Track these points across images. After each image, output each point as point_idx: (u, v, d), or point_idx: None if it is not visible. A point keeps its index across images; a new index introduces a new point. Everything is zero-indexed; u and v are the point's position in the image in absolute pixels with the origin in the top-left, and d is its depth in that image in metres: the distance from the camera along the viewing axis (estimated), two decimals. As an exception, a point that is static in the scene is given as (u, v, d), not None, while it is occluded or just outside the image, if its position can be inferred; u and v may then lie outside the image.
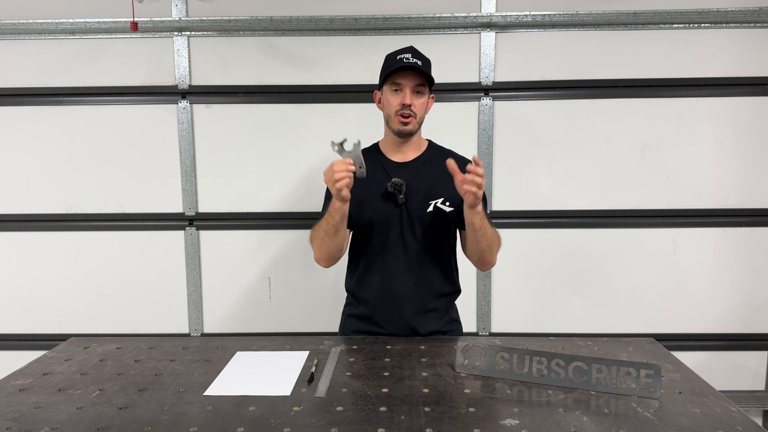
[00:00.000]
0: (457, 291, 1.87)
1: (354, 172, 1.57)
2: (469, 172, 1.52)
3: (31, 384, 1.41)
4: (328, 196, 1.74)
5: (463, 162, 1.78)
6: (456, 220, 1.79)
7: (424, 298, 1.76)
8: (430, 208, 1.75)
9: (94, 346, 1.68)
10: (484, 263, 1.78)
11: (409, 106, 1.70)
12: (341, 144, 1.54)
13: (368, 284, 1.79)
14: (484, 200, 1.72)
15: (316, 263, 1.81)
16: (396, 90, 1.72)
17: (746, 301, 2.59)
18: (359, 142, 1.63)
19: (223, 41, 2.52)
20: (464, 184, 1.54)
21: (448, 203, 1.75)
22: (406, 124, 1.72)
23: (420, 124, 1.77)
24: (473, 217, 1.63)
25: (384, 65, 1.78)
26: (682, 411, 1.23)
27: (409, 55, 1.70)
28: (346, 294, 1.91)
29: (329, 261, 1.79)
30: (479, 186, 1.53)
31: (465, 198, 1.59)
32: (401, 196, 1.73)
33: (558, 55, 2.50)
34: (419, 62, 1.70)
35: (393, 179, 1.73)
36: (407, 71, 1.69)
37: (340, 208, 1.63)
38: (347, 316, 1.88)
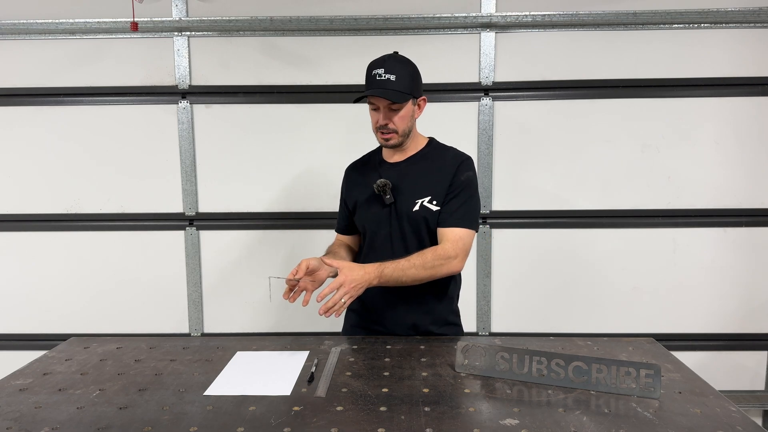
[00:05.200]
0: (448, 292, 1.80)
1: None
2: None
3: (31, 384, 1.41)
4: (342, 201, 1.92)
5: (457, 158, 1.75)
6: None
7: (412, 297, 1.73)
8: (417, 207, 1.71)
9: (95, 346, 1.68)
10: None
11: (386, 125, 1.68)
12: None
13: None
14: (463, 200, 1.68)
15: None
16: (374, 108, 1.70)
17: (746, 301, 2.59)
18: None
19: (223, 41, 2.53)
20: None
21: (435, 202, 1.71)
22: (387, 140, 1.71)
23: (404, 135, 1.72)
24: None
25: (365, 78, 1.73)
26: (682, 411, 1.23)
27: (381, 70, 1.64)
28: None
29: None
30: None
31: None
32: (388, 197, 1.71)
33: (558, 55, 2.50)
34: (392, 77, 1.63)
35: (378, 180, 1.72)
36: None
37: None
38: (348, 310, 1.90)
